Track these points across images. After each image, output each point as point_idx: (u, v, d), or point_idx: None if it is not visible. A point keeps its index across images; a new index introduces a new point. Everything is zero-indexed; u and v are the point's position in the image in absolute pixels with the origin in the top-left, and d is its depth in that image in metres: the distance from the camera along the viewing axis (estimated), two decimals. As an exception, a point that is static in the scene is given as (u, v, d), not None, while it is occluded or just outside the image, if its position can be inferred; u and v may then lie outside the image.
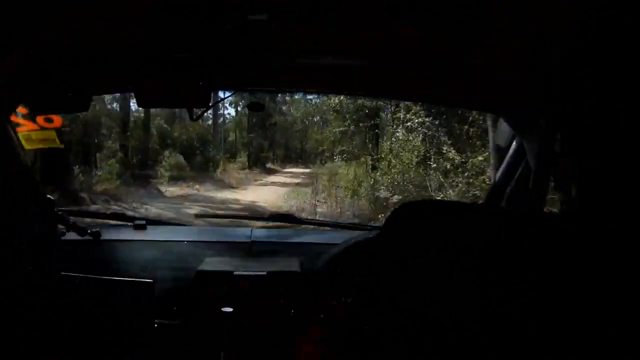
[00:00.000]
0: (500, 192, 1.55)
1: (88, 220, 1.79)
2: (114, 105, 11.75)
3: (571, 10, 0.68)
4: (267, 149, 16.87)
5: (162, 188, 10.82)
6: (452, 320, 0.69)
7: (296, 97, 13.66)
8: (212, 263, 1.45)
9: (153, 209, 8.36)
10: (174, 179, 11.56)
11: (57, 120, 1.49)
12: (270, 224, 1.83)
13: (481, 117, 6.52)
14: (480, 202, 1.95)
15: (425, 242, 0.73)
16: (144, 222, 1.69)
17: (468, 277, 0.68)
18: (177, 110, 9.14)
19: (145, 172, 11.05)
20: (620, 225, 0.62)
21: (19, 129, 1.44)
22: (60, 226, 1.56)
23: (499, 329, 0.66)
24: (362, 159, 8.98)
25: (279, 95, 13.80)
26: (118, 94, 9.55)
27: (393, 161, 8.00)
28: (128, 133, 11.30)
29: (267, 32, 1.11)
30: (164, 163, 11.86)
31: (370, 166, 8.68)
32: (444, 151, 7.28)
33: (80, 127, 9.53)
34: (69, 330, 1.37)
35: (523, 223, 0.68)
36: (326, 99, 9.56)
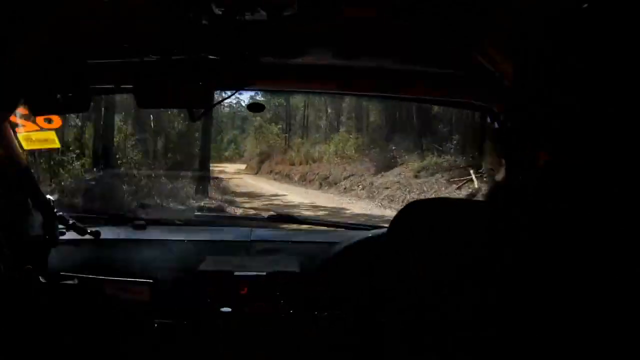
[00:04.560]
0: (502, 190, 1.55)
1: (88, 220, 1.78)
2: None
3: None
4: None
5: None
6: (454, 320, 0.69)
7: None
8: (212, 263, 1.45)
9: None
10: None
11: (57, 120, 1.49)
12: (270, 224, 1.83)
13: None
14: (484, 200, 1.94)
15: (431, 241, 0.73)
16: (143, 222, 1.69)
17: (472, 277, 0.68)
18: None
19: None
20: (618, 224, 0.62)
21: (18, 129, 1.44)
22: (60, 226, 1.56)
23: (503, 330, 0.66)
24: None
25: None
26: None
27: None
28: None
29: (267, 32, 1.11)
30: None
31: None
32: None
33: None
34: (69, 330, 1.37)
35: (524, 221, 0.68)
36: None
